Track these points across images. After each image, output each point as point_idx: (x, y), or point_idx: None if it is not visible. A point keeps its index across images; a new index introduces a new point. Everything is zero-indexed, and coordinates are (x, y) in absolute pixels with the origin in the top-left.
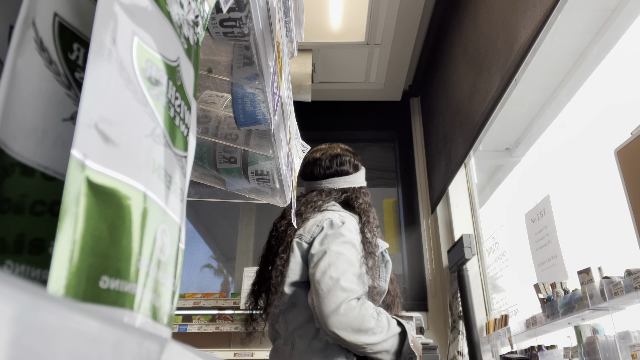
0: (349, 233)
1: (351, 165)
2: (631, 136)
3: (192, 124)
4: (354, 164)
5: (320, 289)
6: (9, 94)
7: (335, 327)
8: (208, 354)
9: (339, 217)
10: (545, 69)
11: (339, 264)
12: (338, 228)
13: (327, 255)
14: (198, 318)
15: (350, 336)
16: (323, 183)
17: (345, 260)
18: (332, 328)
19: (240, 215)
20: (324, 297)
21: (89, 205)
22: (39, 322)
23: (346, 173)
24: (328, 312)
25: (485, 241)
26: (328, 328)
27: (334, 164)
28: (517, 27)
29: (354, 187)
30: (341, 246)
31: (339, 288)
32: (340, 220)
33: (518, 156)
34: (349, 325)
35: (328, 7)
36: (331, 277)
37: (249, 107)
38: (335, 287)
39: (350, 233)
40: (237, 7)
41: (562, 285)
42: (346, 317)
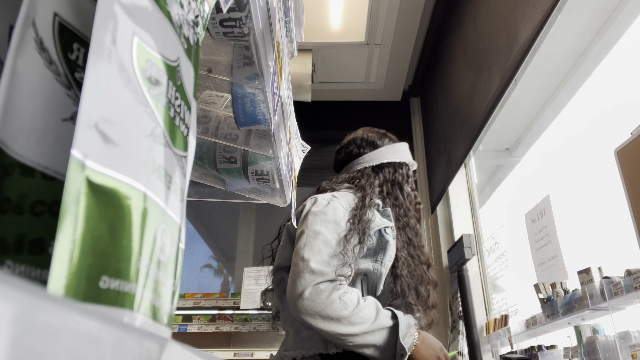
0: (333, 211)
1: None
2: (631, 136)
3: (192, 124)
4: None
5: (292, 271)
6: (9, 94)
7: (302, 313)
8: (208, 354)
9: (328, 197)
10: (545, 69)
11: (314, 244)
12: (322, 207)
13: (304, 235)
14: (198, 318)
15: (320, 324)
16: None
17: (322, 240)
18: (298, 313)
19: (240, 215)
20: (292, 280)
21: (89, 205)
22: (39, 322)
23: (357, 155)
24: (294, 295)
25: (485, 241)
26: (296, 313)
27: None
28: (517, 27)
29: (366, 166)
30: (320, 225)
31: (308, 270)
32: (326, 199)
33: (518, 156)
34: (316, 311)
35: (328, 7)
36: (302, 259)
37: (249, 107)
38: (304, 269)
39: (334, 211)
40: (237, 7)
41: (562, 285)
42: (311, 301)
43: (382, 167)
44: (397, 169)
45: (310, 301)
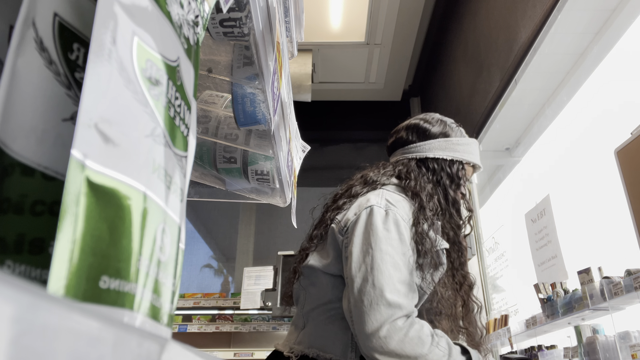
0: (396, 226)
1: (415, 132)
2: (631, 136)
3: (192, 124)
4: (421, 130)
5: (359, 299)
6: (9, 94)
7: (375, 351)
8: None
9: (384, 204)
10: (545, 69)
11: (383, 268)
12: (380, 219)
13: (368, 256)
14: (198, 318)
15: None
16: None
17: (391, 263)
18: (371, 351)
19: (240, 215)
20: (364, 313)
21: (89, 205)
22: (39, 322)
23: (404, 142)
24: (368, 331)
25: (485, 241)
26: (367, 350)
27: (395, 135)
28: (517, 27)
29: (411, 157)
30: (385, 244)
31: (384, 302)
32: (384, 209)
33: (518, 156)
34: (393, 349)
35: (328, 7)
36: (374, 286)
37: (249, 107)
38: (379, 300)
39: (397, 226)
40: (237, 7)
41: (562, 285)
42: (389, 339)
43: (427, 162)
44: (445, 167)
45: (388, 339)
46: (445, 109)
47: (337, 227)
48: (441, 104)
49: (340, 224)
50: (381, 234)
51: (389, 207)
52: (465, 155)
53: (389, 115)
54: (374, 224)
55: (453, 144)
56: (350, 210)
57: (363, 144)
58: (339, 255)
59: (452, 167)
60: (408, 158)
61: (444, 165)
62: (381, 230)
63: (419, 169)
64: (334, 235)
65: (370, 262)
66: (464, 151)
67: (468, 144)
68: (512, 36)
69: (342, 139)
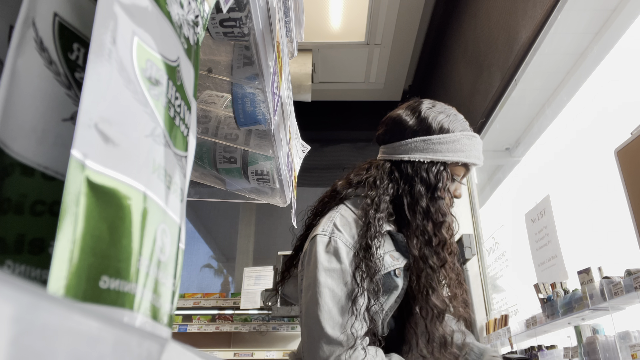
0: (335, 255)
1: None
2: (631, 136)
3: (192, 124)
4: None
5: (305, 334)
6: (9, 94)
7: None
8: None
9: (330, 230)
10: (545, 69)
11: (322, 303)
12: (322, 249)
13: (309, 291)
14: (198, 318)
15: None
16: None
17: (329, 295)
18: None
19: (240, 215)
20: (308, 349)
21: (89, 205)
22: (39, 322)
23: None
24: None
25: (485, 241)
26: None
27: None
28: (517, 27)
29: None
30: (324, 276)
31: (324, 340)
32: (328, 236)
33: (518, 156)
34: None
35: (328, 7)
36: (314, 320)
37: (249, 107)
38: (320, 337)
39: (336, 255)
40: (237, 7)
41: (562, 285)
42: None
43: (401, 166)
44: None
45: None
46: None
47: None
48: None
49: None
50: (320, 266)
51: (333, 234)
52: (448, 155)
53: None
54: (316, 255)
55: (433, 143)
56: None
57: (363, 144)
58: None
59: (430, 170)
60: (384, 159)
61: (419, 169)
62: (322, 262)
63: (390, 175)
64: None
65: (311, 296)
66: (447, 150)
67: (455, 141)
68: (512, 36)
69: (342, 139)
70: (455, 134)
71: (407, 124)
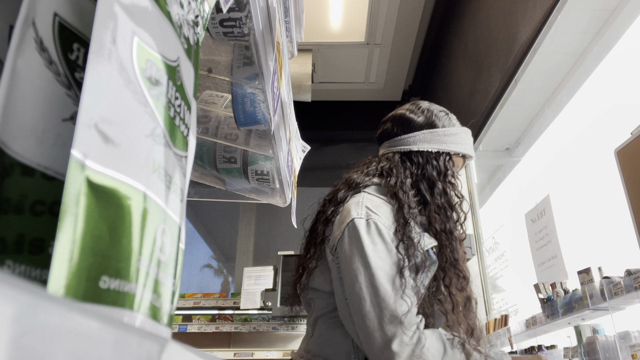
0: (379, 236)
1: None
2: (631, 136)
3: (192, 124)
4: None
5: (362, 321)
6: (9, 94)
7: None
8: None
9: (364, 213)
10: (545, 69)
11: (378, 285)
12: (364, 232)
13: (361, 275)
14: (198, 318)
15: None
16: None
17: (385, 277)
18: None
19: (240, 215)
20: (369, 334)
21: (89, 205)
22: (39, 322)
23: (388, 135)
24: (377, 352)
25: (485, 241)
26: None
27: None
28: (517, 27)
29: (395, 151)
30: (374, 258)
31: (386, 321)
32: (365, 218)
33: (518, 156)
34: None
35: (328, 7)
36: (373, 306)
37: (249, 107)
38: (381, 319)
39: (380, 236)
40: (237, 7)
41: (562, 285)
42: (398, 357)
43: (411, 157)
44: (430, 160)
45: (398, 357)
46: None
47: (328, 246)
48: (441, 104)
49: (330, 242)
50: (367, 249)
51: (369, 216)
52: (452, 146)
53: None
54: (359, 239)
55: (439, 135)
56: (335, 224)
57: (363, 144)
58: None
59: (439, 159)
60: (393, 152)
61: (429, 157)
62: (367, 244)
63: (402, 163)
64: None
65: (364, 281)
66: (451, 142)
67: (456, 134)
68: (512, 36)
69: (342, 139)
70: (456, 128)
71: (414, 118)
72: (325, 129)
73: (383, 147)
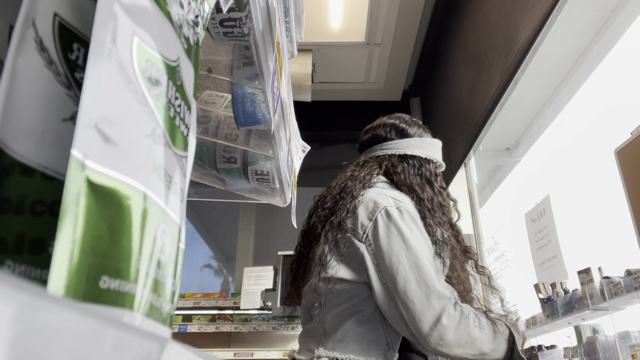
0: (413, 222)
1: (393, 131)
2: (631, 136)
3: (192, 124)
4: (399, 129)
5: (409, 301)
6: (9, 94)
7: (438, 345)
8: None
9: (392, 202)
10: (545, 69)
11: (421, 265)
12: (399, 219)
13: (402, 257)
14: (198, 318)
15: (456, 350)
16: (361, 156)
17: (425, 258)
18: (434, 346)
19: (240, 215)
20: (417, 312)
21: (89, 205)
22: (39, 322)
23: (383, 139)
24: (427, 329)
25: (485, 241)
26: (430, 346)
27: (371, 132)
28: (517, 27)
29: (391, 153)
30: (413, 241)
31: (434, 297)
32: (395, 207)
33: (518, 156)
34: (453, 339)
35: (328, 7)
36: (419, 284)
37: (249, 107)
38: (429, 296)
39: (414, 221)
40: (237, 7)
41: (562, 285)
42: (448, 330)
43: (407, 159)
44: (423, 164)
45: (447, 330)
46: (445, 109)
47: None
48: (441, 104)
49: (356, 230)
50: (406, 233)
51: (399, 205)
52: (436, 155)
53: None
54: (396, 225)
55: (427, 143)
56: (360, 214)
57: None
58: (362, 262)
59: (429, 164)
60: (389, 154)
61: (422, 162)
62: (404, 229)
63: (401, 164)
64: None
65: (407, 263)
66: (435, 151)
67: (437, 145)
68: (512, 36)
69: (342, 139)
70: (437, 140)
71: (406, 127)
72: (325, 129)
73: (372, 151)
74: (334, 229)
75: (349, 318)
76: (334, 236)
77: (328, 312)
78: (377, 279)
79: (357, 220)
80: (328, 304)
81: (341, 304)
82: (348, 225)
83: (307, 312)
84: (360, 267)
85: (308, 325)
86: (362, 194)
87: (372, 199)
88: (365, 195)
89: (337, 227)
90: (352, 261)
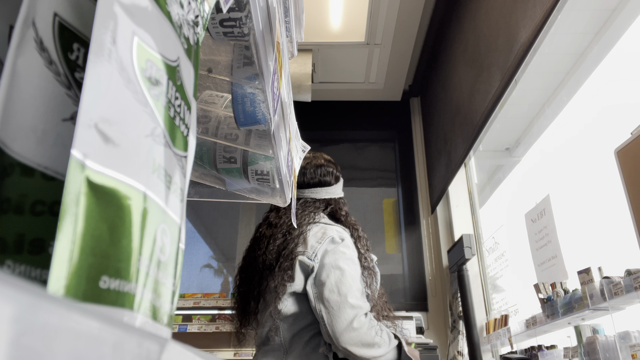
0: (348, 250)
1: (332, 176)
2: (631, 136)
3: (192, 124)
4: (335, 175)
5: (330, 306)
6: (9, 94)
7: (347, 343)
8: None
9: (337, 234)
10: (545, 69)
11: (344, 281)
12: (338, 245)
13: (333, 273)
14: (198, 318)
15: (360, 350)
16: (305, 192)
17: (349, 276)
18: (344, 344)
19: (240, 215)
20: (335, 315)
21: (89, 205)
22: (39, 322)
23: (328, 184)
24: (341, 329)
25: (485, 241)
26: (340, 344)
27: (317, 174)
28: (517, 27)
29: (335, 197)
30: (344, 263)
31: (348, 305)
32: (339, 237)
33: (518, 156)
34: (360, 340)
35: (328, 7)
36: (339, 294)
37: (249, 107)
38: (344, 304)
39: (349, 250)
40: (237, 7)
41: (562, 285)
42: (357, 332)
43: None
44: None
45: (356, 332)
46: (445, 109)
47: (305, 256)
48: (441, 104)
49: (307, 253)
50: (340, 256)
51: (342, 235)
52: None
53: (389, 115)
54: (337, 249)
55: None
56: (310, 240)
57: (363, 144)
58: (306, 276)
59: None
60: (335, 198)
61: (344, 201)
62: (340, 254)
63: (344, 206)
64: (303, 263)
65: (334, 278)
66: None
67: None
68: (512, 36)
69: (342, 139)
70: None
71: (336, 173)
72: (325, 129)
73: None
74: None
75: (302, 341)
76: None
77: (289, 334)
78: (311, 287)
79: (308, 246)
80: (287, 326)
81: (298, 323)
82: (300, 250)
83: (263, 334)
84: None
85: (265, 348)
86: (309, 229)
87: (323, 230)
88: (317, 227)
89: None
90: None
